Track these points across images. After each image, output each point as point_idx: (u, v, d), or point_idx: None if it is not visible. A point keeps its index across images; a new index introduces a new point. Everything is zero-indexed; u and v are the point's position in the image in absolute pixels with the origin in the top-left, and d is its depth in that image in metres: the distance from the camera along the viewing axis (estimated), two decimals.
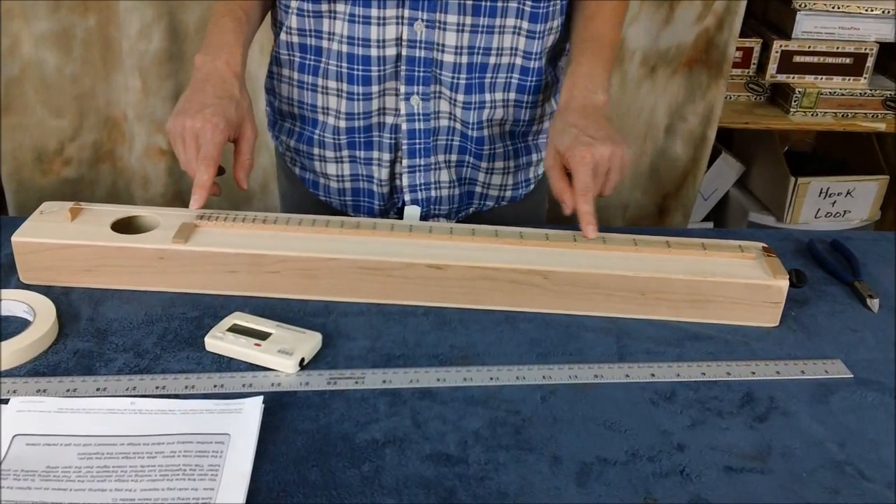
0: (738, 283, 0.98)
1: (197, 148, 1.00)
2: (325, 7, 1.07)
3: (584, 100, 1.06)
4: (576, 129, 1.03)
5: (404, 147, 1.14)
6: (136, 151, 1.87)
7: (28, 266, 0.99)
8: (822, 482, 0.78)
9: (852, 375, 0.92)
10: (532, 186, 1.25)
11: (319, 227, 1.01)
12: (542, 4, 1.08)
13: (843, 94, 2.07)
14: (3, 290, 0.96)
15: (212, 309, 0.97)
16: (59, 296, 0.97)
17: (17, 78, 1.75)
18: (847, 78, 2.09)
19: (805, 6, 2.00)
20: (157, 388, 0.84)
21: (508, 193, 1.23)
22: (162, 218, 1.02)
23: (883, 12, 2.01)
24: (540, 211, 1.33)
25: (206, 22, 1.74)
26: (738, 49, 1.95)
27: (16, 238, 0.97)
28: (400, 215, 1.20)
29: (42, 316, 0.92)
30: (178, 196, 1.92)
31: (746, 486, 0.76)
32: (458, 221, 1.22)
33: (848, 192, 2.19)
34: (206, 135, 0.99)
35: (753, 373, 0.92)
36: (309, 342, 0.90)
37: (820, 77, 2.09)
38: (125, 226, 1.02)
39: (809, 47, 2.05)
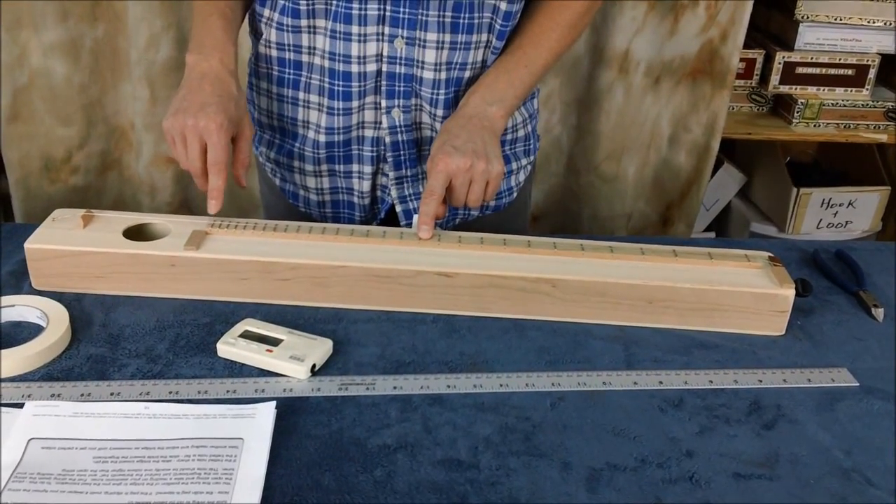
0: (744, 291, 0.99)
1: (201, 146, 1.00)
2: (304, 22, 1.08)
3: (475, 108, 1.07)
4: (447, 135, 1.05)
5: (389, 159, 1.15)
6: (143, 160, 1.87)
7: (41, 272, 1.00)
8: (829, 489, 0.78)
9: (858, 384, 0.93)
10: (514, 195, 1.26)
11: (330, 234, 1.02)
12: (509, 23, 1.09)
13: (845, 106, 2.08)
14: (17, 296, 0.97)
15: (223, 315, 0.98)
16: (72, 302, 0.98)
17: (25, 87, 1.76)
18: (849, 89, 2.10)
19: (807, 18, 2.01)
20: (170, 392, 0.85)
21: (492, 203, 1.24)
22: (173, 225, 1.03)
23: (885, 24, 2.03)
24: (522, 219, 1.34)
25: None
26: (740, 60, 1.96)
27: (29, 245, 0.98)
28: (382, 225, 1.20)
29: (55, 321, 0.93)
30: (184, 204, 1.93)
31: (755, 493, 0.77)
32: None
33: (849, 203, 2.20)
34: (212, 137, 0.99)
35: (760, 381, 0.92)
36: (320, 348, 0.91)
37: (822, 88, 2.10)
38: (137, 233, 1.03)
39: (812, 59, 2.06)
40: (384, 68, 1.08)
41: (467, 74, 1.11)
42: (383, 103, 1.11)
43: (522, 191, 1.29)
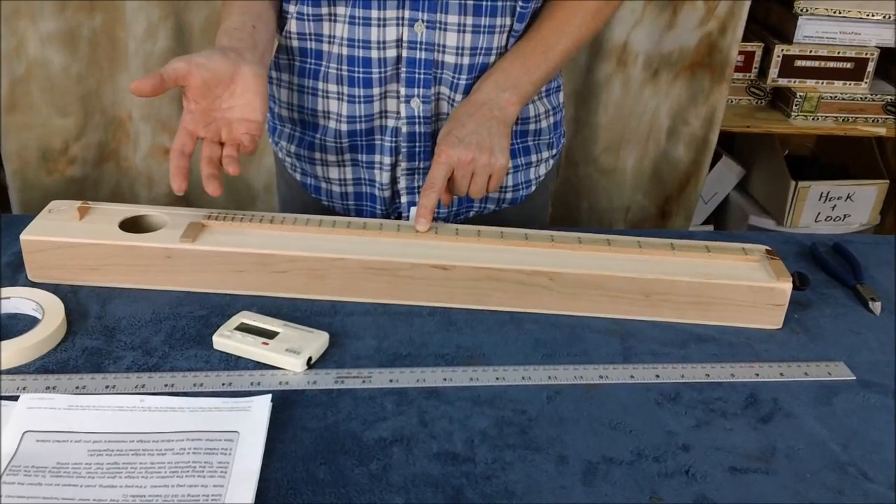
0: (741, 285, 0.98)
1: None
2: (324, 10, 1.07)
3: (487, 95, 1.06)
4: (454, 123, 1.04)
5: (404, 149, 1.14)
6: (140, 151, 1.87)
7: (36, 264, 0.99)
8: (825, 483, 0.78)
9: (855, 377, 0.93)
10: (533, 188, 1.26)
11: (326, 227, 1.02)
12: (529, 4, 1.09)
13: (843, 99, 2.08)
14: (12, 288, 0.97)
15: (219, 308, 0.97)
16: (68, 294, 0.98)
17: (22, 77, 1.75)
18: (848, 82, 2.10)
19: (807, 11, 2.01)
20: (165, 385, 0.85)
21: (509, 195, 1.23)
22: (169, 217, 1.03)
23: (884, 17, 2.02)
24: (543, 214, 1.33)
25: (212, 22, 1.75)
26: (739, 53, 1.95)
27: (24, 236, 0.98)
28: (401, 219, 1.20)
29: (50, 314, 0.92)
30: (182, 196, 1.92)
31: (751, 487, 0.77)
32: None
33: (848, 197, 2.20)
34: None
35: (757, 374, 0.92)
36: (316, 341, 0.90)
37: (821, 81, 2.10)
38: (133, 225, 1.02)
39: (811, 52, 2.06)
40: (404, 54, 1.08)
41: (492, 61, 1.10)
42: (403, 91, 1.10)
43: (543, 185, 1.27)
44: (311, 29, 1.09)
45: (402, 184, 1.17)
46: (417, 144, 1.14)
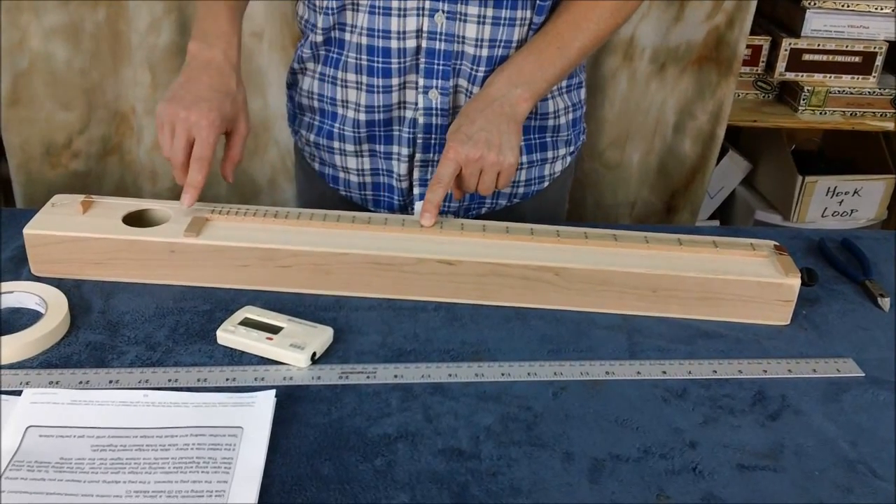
0: (749, 281, 0.98)
1: (188, 139, 0.99)
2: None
3: (499, 90, 1.05)
4: (464, 119, 1.04)
5: (419, 141, 1.14)
6: (144, 145, 1.86)
7: (40, 258, 0.99)
8: (834, 480, 0.78)
9: (864, 374, 0.92)
10: (546, 184, 1.24)
11: (331, 221, 1.01)
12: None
13: (851, 93, 2.07)
14: (15, 283, 0.97)
15: (223, 302, 0.97)
16: (71, 288, 0.97)
17: (26, 71, 1.75)
18: (856, 76, 2.08)
19: (814, 4, 1.99)
20: (169, 380, 0.85)
21: (521, 190, 1.22)
22: (173, 211, 1.02)
23: (892, 11, 2.01)
24: (559, 211, 1.32)
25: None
26: (747, 47, 1.94)
27: (28, 230, 0.98)
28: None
29: (54, 308, 0.92)
30: None
31: (759, 484, 0.76)
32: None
33: (855, 192, 2.18)
34: (201, 132, 0.99)
35: (765, 371, 0.92)
36: (320, 336, 0.90)
37: (828, 75, 2.08)
38: (136, 219, 1.02)
39: (818, 46, 2.04)
40: (424, 44, 1.07)
41: (511, 53, 1.09)
42: (421, 82, 1.10)
43: (559, 183, 1.26)
44: (335, 20, 1.09)
45: (416, 175, 1.16)
46: (433, 136, 1.13)
